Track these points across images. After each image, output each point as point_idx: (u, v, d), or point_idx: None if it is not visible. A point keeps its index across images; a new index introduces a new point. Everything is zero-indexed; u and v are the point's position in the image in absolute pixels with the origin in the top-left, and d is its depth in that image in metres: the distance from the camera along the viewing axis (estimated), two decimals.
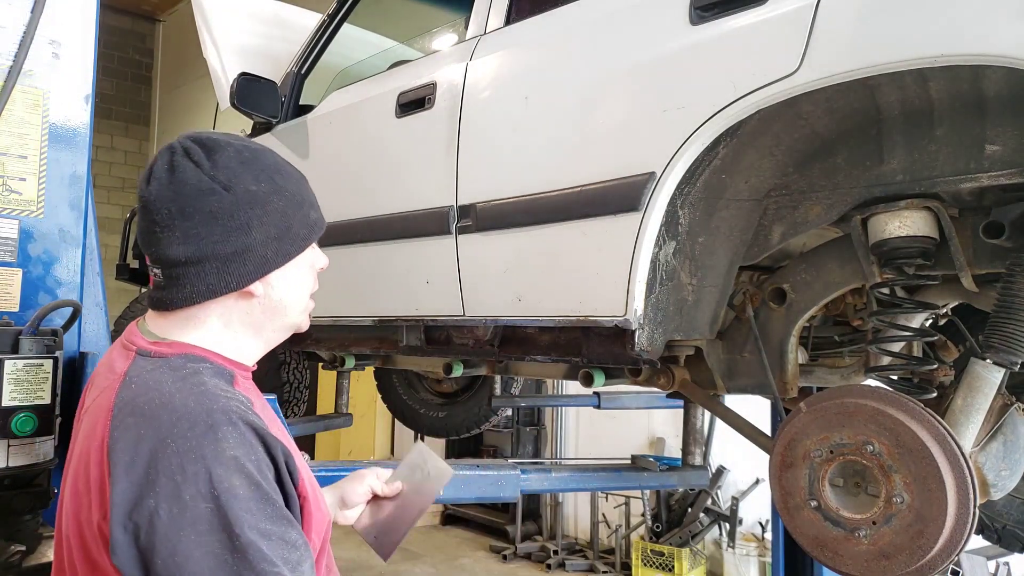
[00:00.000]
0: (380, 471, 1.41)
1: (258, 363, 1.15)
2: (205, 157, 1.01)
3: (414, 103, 2.26)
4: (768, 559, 4.61)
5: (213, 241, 0.99)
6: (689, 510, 5.32)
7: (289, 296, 1.09)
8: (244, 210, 1.00)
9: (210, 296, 1.02)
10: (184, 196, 0.99)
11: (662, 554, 5.17)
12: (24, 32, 1.71)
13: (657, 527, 5.39)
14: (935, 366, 1.68)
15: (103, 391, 0.97)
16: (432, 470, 1.38)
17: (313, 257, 1.12)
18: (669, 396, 2.26)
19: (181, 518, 0.83)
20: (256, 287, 1.04)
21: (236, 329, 1.06)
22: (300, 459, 1.03)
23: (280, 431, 1.03)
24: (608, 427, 6.09)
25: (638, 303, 1.66)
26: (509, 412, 5.98)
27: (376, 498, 1.39)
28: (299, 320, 1.13)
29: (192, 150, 1.01)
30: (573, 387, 5.44)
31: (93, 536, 0.88)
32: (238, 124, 3.22)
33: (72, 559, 0.93)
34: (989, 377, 1.46)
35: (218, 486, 0.84)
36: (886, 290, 1.64)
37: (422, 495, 1.37)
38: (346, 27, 2.80)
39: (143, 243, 1.04)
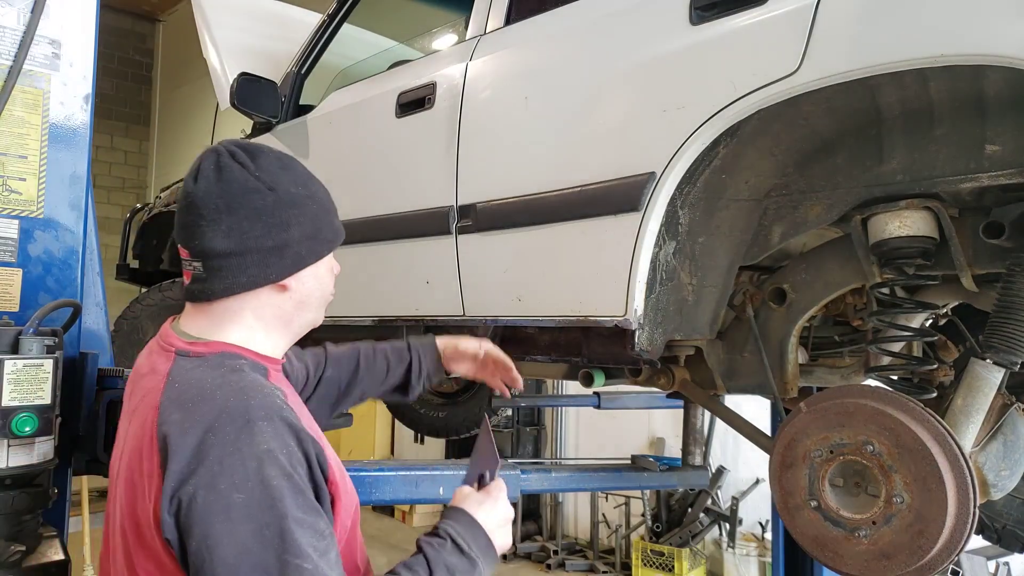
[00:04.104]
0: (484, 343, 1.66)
1: None
2: (249, 160, 1.10)
3: (414, 103, 2.26)
4: (768, 559, 4.61)
5: (256, 236, 1.07)
6: (689, 510, 5.32)
7: (315, 293, 1.17)
8: (285, 209, 1.09)
9: (250, 287, 1.09)
10: (231, 194, 1.07)
11: (662, 554, 5.17)
12: (24, 32, 1.71)
13: (657, 527, 5.39)
14: (935, 366, 1.69)
15: (149, 392, 1.04)
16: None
17: (332, 261, 1.22)
18: (669, 396, 2.26)
19: (215, 505, 0.89)
20: (290, 281, 1.12)
21: (268, 322, 1.14)
22: (329, 449, 1.09)
23: (309, 421, 1.12)
24: (608, 427, 6.09)
25: (638, 303, 1.66)
26: (509, 412, 5.98)
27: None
28: (318, 316, 1.22)
29: (237, 153, 1.10)
30: (573, 387, 5.44)
31: (147, 519, 0.95)
32: (238, 124, 3.22)
33: (128, 548, 1.00)
34: (989, 377, 1.46)
35: (252, 477, 0.90)
36: (886, 290, 1.64)
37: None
38: (346, 27, 2.80)
39: (184, 237, 1.10)
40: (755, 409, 2.41)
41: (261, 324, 1.13)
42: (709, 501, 5.28)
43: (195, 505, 0.89)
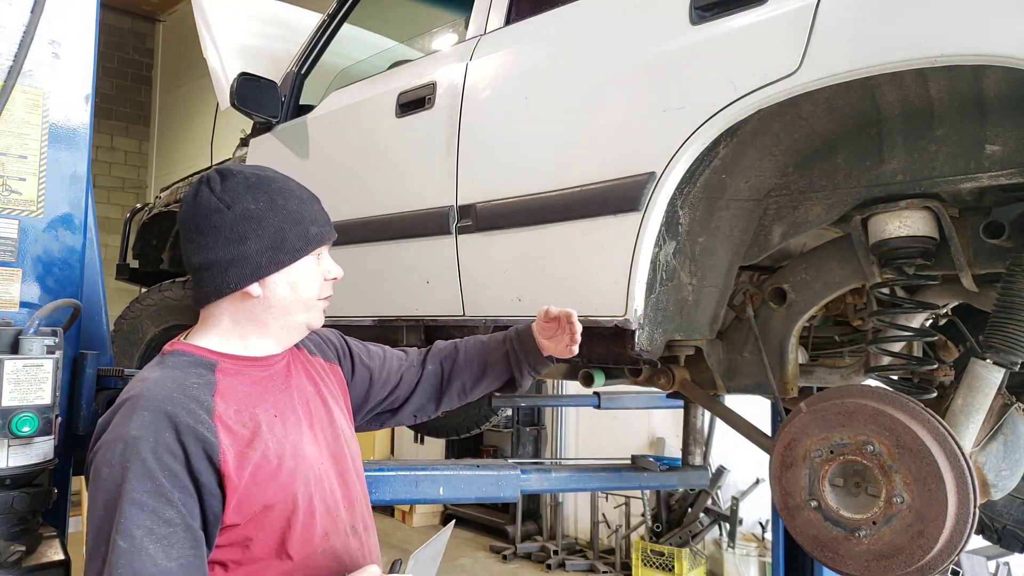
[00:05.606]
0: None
1: None
2: (219, 183, 1.22)
3: (414, 103, 2.26)
4: (768, 559, 4.61)
5: (216, 250, 1.20)
6: (689, 510, 5.32)
7: (290, 298, 1.25)
8: (241, 224, 1.20)
9: (217, 295, 1.22)
10: (199, 216, 1.21)
11: (662, 554, 5.17)
12: (24, 32, 1.71)
13: (657, 527, 5.39)
14: (935, 366, 1.68)
15: None
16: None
17: (320, 267, 1.29)
18: (669, 396, 2.26)
19: (93, 471, 1.09)
20: (253, 288, 1.21)
21: (244, 326, 1.25)
22: (253, 448, 1.15)
23: (276, 409, 1.23)
24: (608, 427, 6.09)
25: (638, 303, 1.66)
26: (509, 412, 5.98)
27: None
28: (307, 319, 1.30)
29: (212, 178, 1.23)
30: (573, 387, 5.44)
31: None
32: (238, 124, 3.22)
33: None
34: (989, 377, 1.46)
35: (116, 456, 1.06)
36: (886, 290, 1.64)
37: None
38: (346, 27, 2.80)
39: (182, 254, 1.26)
40: (755, 409, 2.41)
41: (237, 328, 1.25)
42: (709, 501, 5.28)
43: (89, 465, 1.11)
